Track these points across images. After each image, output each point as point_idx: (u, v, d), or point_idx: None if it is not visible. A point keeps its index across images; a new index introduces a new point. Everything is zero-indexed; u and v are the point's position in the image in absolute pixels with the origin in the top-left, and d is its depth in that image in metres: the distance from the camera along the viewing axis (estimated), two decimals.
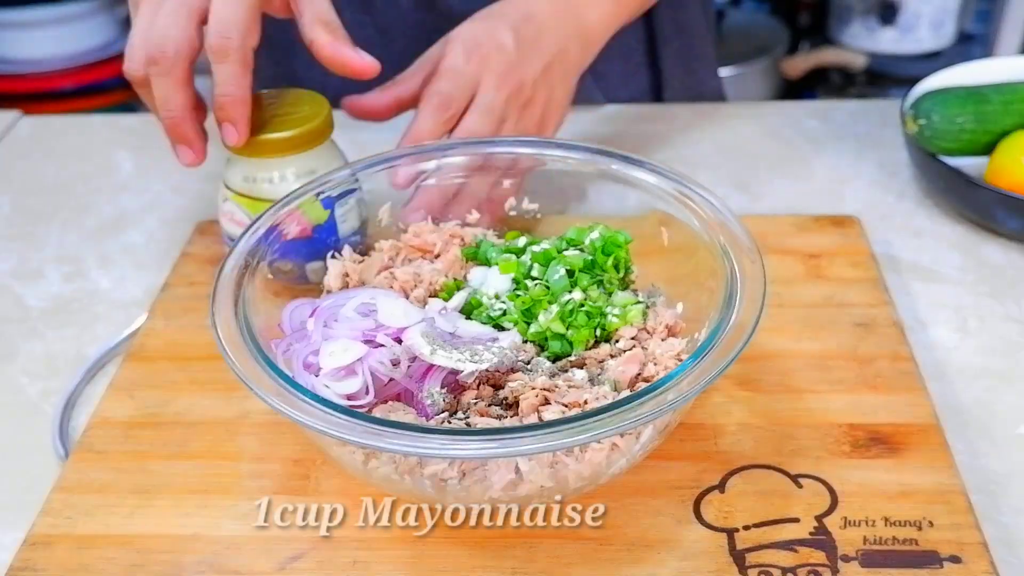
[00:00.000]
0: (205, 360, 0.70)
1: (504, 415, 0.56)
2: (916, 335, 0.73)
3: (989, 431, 0.66)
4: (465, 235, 0.69)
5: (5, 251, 0.87)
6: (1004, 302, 0.77)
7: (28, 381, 0.73)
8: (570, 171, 0.69)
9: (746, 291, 0.56)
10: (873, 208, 0.88)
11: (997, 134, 0.85)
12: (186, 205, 0.91)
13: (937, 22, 2.07)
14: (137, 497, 0.61)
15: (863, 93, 2.14)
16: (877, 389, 0.67)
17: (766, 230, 0.80)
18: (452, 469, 0.52)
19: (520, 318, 0.61)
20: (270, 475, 0.62)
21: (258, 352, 0.54)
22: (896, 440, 0.63)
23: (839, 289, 0.76)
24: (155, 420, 0.66)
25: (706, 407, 0.65)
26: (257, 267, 0.60)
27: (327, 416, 0.49)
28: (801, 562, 0.55)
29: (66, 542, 0.58)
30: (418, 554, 0.57)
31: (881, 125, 0.99)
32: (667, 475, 0.61)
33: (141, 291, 0.81)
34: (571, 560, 0.56)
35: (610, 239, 0.63)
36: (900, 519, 0.57)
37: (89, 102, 1.99)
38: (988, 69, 0.92)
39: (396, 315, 0.59)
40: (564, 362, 0.59)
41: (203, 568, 0.57)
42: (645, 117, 1.02)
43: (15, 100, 1.80)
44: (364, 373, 0.56)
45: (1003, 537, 0.58)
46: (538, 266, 0.63)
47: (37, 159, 1.01)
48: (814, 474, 0.61)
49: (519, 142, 0.70)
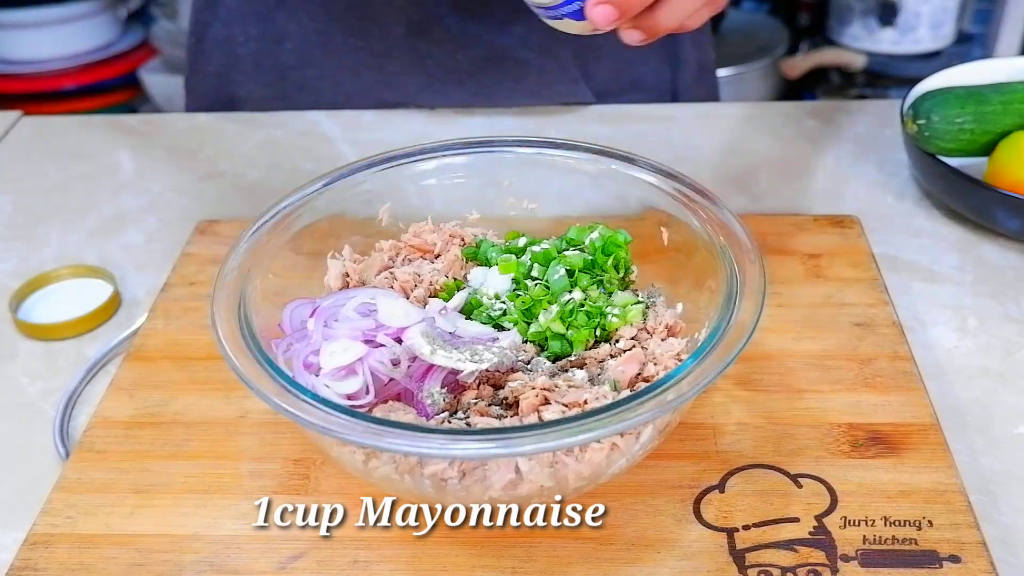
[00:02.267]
0: (205, 360, 0.70)
1: (504, 415, 0.56)
2: (916, 335, 0.73)
3: (988, 431, 0.66)
4: (465, 235, 0.69)
5: (5, 251, 0.87)
6: (1004, 302, 0.77)
7: (28, 381, 0.73)
8: (570, 171, 0.69)
9: (746, 291, 0.56)
10: (873, 208, 0.88)
11: (997, 134, 0.85)
12: (186, 205, 0.91)
13: (937, 22, 2.07)
14: (137, 497, 0.61)
15: (863, 93, 2.14)
16: (877, 389, 0.67)
17: (766, 230, 0.80)
18: (452, 469, 0.52)
19: (520, 318, 0.61)
20: (270, 475, 0.62)
21: (258, 352, 0.54)
22: (895, 440, 0.63)
23: (839, 289, 0.76)
24: (155, 420, 0.66)
25: (706, 407, 0.65)
26: (257, 267, 0.60)
27: (327, 416, 0.50)
28: (801, 562, 0.56)
29: (66, 542, 0.58)
30: (418, 554, 0.57)
31: (881, 125, 0.99)
32: (667, 475, 0.61)
33: (141, 291, 0.81)
34: (571, 560, 0.56)
35: (610, 239, 0.63)
36: (900, 519, 0.57)
37: (89, 102, 2.00)
38: (988, 69, 0.92)
39: (396, 315, 0.59)
40: (564, 362, 0.59)
41: (203, 568, 0.57)
42: (645, 117, 1.02)
43: (15, 100, 1.80)
44: (364, 373, 0.56)
45: (1002, 537, 0.58)
46: (538, 266, 0.63)
47: (37, 159, 1.01)
48: (814, 474, 0.61)
49: (519, 142, 0.70)
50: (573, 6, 0.61)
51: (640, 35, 0.63)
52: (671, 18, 0.63)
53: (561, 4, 0.61)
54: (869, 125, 1.00)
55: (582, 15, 0.61)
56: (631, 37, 0.63)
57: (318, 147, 0.98)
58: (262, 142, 1.00)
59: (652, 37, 0.63)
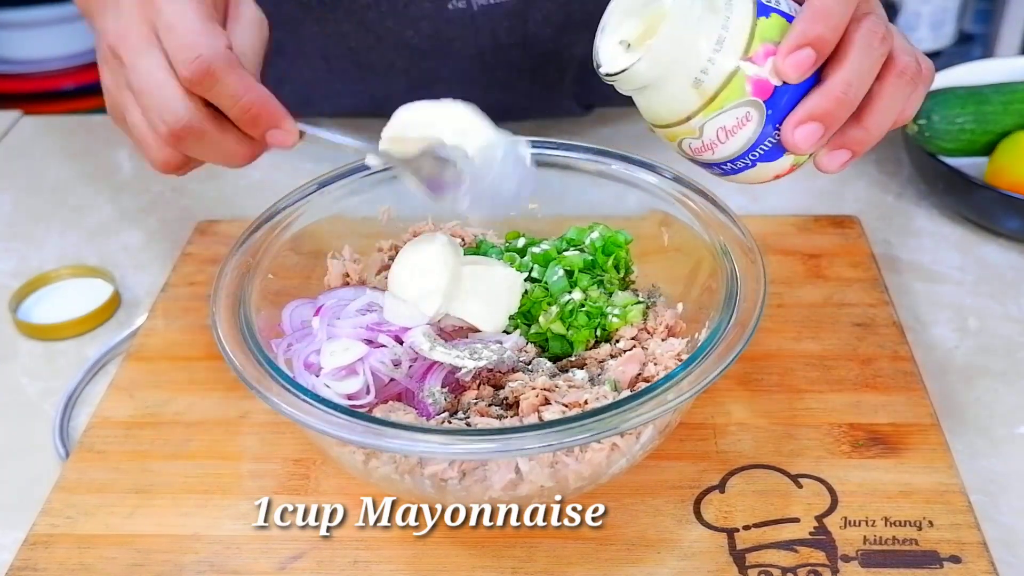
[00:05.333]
0: (205, 360, 0.70)
1: (504, 415, 0.56)
2: (916, 335, 0.73)
3: (989, 431, 0.66)
4: (465, 235, 0.69)
5: (5, 251, 0.87)
6: (1004, 302, 0.77)
7: (28, 381, 0.73)
8: (570, 171, 0.69)
9: (746, 291, 0.56)
10: (873, 208, 0.88)
11: (997, 134, 0.85)
12: (186, 205, 0.91)
13: (937, 22, 2.06)
14: (137, 497, 0.61)
15: None
16: (877, 389, 0.67)
17: (766, 230, 0.80)
18: (452, 469, 0.52)
19: (520, 319, 0.61)
20: (270, 475, 0.62)
21: (258, 352, 0.54)
22: (896, 440, 0.63)
23: (839, 289, 0.76)
24: (155, 420, 0.66)
25: (706, 407, 0.65)
26: (257, 267, 0.60)
27: (328, 416, 0.49)
28: (801, 562, 0.55)
29: (66, 542, 0.58)
30: (418, 554, 0.57)
31: None
32: (667, 475, 0.61)
33: (141, 291, 0.81)
34: (571, 560, 0.56)
35: (610, 239, 0.63)
36: (900, 519, 0.57)
37: (89, 102, 1.99)
38: (988, 69, 0.92)
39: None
40: (564, 362, 0.59)
41: (203, 568, 0.57)
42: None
43: (16, 100, 1.80)
44: (365, 373, 0.56)
45: (1003, 537, 0.58)
46: (538, 267, 0.63)
47: (37, 159, 1.01)
48: (814, 474, 0.61)
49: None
50: (762, 147, 0.51)
51: (847, 155, 0.53)
52: (882, 119, 0.52)
53: (752, 147, 0.51)
54: None
55: (774, 154, 0.52)
56: (837, 160, 0.53)
57: (318, 147, 0.97)
58: None
59: (860, 152, 0.53)
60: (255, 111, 0.54)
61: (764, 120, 0.50)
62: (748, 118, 0.50)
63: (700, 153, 0.52)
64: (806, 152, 0.52)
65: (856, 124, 0.51)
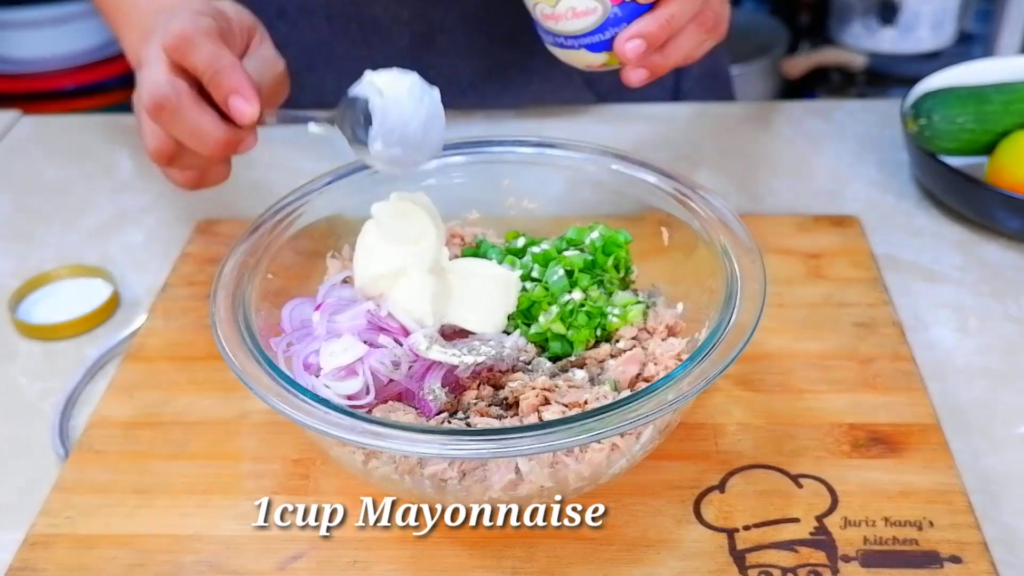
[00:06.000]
0: (205, 360, 0.70)
1: (504, 415, 0.56)
2: (916, 335, 0.73)
3: (989, 431, 0.65)
4: (465, 235, 0.69)
5: (5, 251, 0.87)
6: (1004, 302, 0.77)
7: (27, 381, 0.73)
8: (570, 171, 0.69)
9: (746, 291, 0.56)
10: (873, 208, 0.87)
11: (997, 134, 0.85)
12: (186, 205, 0.91)
13: (937, 22, 2.06)
14: (137, 497, 0.61)
15: (863, 93, 2.13)
16: (877, 389, 0.67)
17: (766, 230, 0.80)
18: (452, 469, 0.52)
19: (520, 319, 0.61)
20: (270, 475, 0.62)
21: (258, 352, 0.54)
22: (896, 440, 0.63)
23: (839, 289, 0.76)
24: (155, 420, 0.66)
25: (706, 407, 0.65)
26: (257, 267, 0.60)
27: (327, 416, 0.49)
28: (801, 562, 0.55)
29: (66, 542, 0.58)
30: (418, 554, 0.57)
31: (881, 125, 0.99)
32: (667, 475, 0.61)
33: (141, 291, 0.81)
34: (571, 560, 0.56)
35: (610, 239, 0.63)
36: (900, 519, 0.57)
37: (89, 102, 1.99)
38: (988, 69, 0.92)
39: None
40: (564, 362, 0.59)
41: (203, 568, 0.57)
42: (645, 117, 1.02)
43: (15, 100, 1.80)
44: (365, 373, 0.56)
45: (1003, 537, 0.58)
46: (538, 267, 0.62)
47: (37, 159, 1.01)
48: (814, 474, 0.61)
49: (519, 142, 0.70)
50: (596, 37, 0.63)
51: (645, 74, 0.65)
52: (677, 53, 0.65)
53: (587, 33, 0.63)
54: (869, 125, 1.00)
55: (601, 47, 0.63)
56: (637, 77, 0.65)
57: (318, 147, 0.97)
58: (262, 142, 0.99)
59: (655, 76, 0.65)
60: (224, 73, 0.59)
61: (606, 19, 0.62)
62: (595, 11, 0.62)
63: (546, 20, 0.64)
64: (628, 62, 0.63)
65: (658, 52, 0.64)
